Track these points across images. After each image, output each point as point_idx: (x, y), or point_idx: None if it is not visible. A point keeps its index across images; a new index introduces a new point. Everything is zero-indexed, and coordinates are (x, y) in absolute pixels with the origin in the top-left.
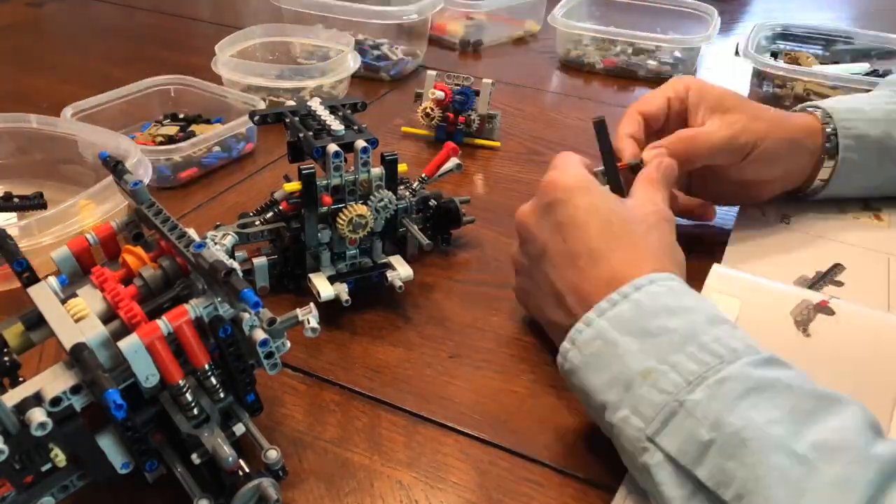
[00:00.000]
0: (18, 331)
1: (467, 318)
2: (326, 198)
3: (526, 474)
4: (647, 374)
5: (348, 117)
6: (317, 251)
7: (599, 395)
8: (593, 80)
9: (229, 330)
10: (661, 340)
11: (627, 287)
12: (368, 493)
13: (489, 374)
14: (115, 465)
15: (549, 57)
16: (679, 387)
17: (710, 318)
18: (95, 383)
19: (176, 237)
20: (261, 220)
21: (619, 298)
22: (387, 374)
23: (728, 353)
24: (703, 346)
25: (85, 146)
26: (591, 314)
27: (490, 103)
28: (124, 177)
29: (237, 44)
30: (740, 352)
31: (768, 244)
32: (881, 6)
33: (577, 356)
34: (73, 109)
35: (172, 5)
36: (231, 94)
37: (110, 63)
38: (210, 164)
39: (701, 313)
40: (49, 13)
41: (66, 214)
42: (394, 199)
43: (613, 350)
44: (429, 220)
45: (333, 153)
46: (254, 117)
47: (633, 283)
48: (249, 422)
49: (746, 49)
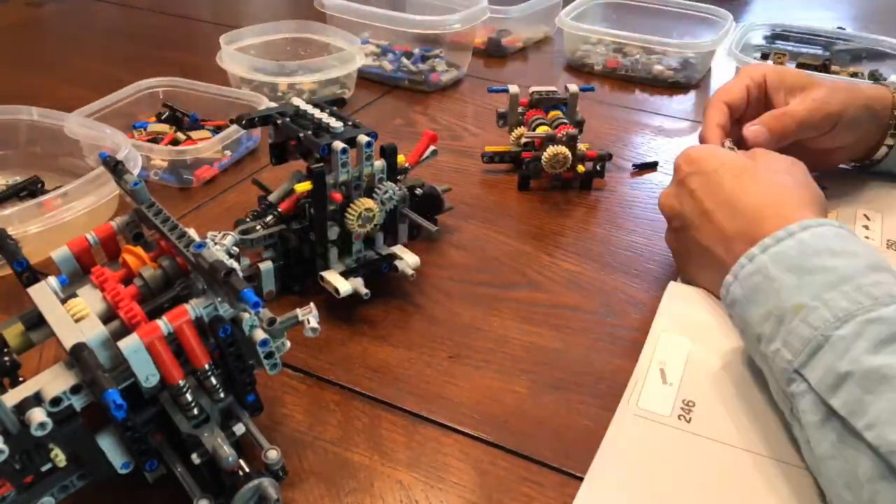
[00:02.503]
0: (18, 331)
1: (467, 319)
2: (336, 194)
3: (526, 474)
4: (798, 308)
5: (338, 113)
6: (324, 249)
7: (756, 327)
8: (600, 82)
9: (229, 330)
10: (818, 278)
11: (795, 226)
12: (369, 493)
13: (489, 374)
14: (115, 464)
15: (557, 59)
16: (827, 322)
17: (872, 264)
18: (95, 383)
19: (176, 237)
20: (261, 224)
21: (785, 235)
22: (387, 374)
23: (884, 297)
24: (860, 287)
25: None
26: (755, 249)
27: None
28: (124, 176)
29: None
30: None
31: None
32: (881, 7)
33: (738, 289)
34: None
35: (173, 5)
36: (232, 94)
37: (110, 63)
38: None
39: (864, 258)
40: (49, 13)
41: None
42: (396, 189)
43: (771, 285)
44: (415, 207)
45: (341, 150)
46: (240, 121)
47: (802, 223)
48: (249, 422)
49: (731, 49)
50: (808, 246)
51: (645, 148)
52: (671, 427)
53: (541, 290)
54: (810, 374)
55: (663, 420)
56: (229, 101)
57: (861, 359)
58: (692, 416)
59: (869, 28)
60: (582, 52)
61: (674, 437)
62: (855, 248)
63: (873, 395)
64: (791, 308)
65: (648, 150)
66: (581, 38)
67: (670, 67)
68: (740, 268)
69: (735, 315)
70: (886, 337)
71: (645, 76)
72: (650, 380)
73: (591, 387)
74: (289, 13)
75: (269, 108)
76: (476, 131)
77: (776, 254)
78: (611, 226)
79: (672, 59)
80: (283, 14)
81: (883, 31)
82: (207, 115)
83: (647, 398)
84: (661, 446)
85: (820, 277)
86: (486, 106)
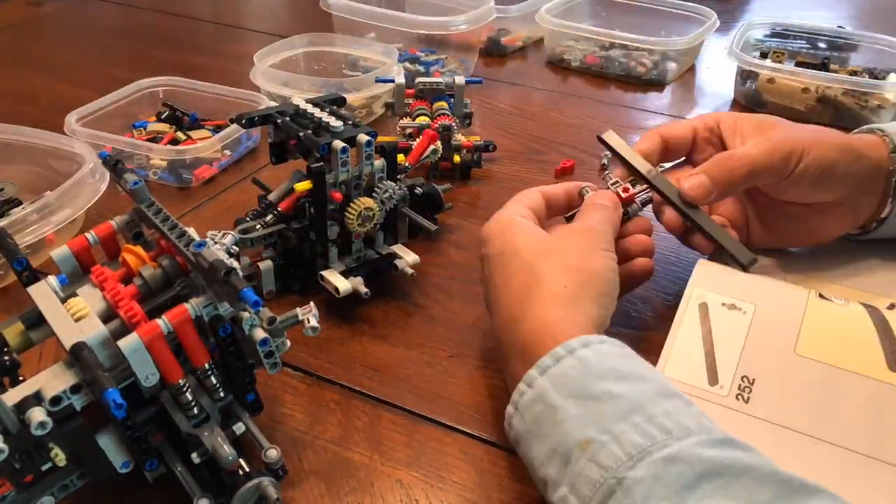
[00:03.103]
0: (18, 330)
1: (468, 318)
2: (336, 194)
3: (526, 473)
4: (586, 444)
5: (338, 113)
6: (324, 248)
7: (540, 469)
8: (578, 78)
9: (229, 329)
10: (605, 407)
11: (575, 342)
12: (369, 492)
13: (489, 373)
14: (115, 464)
15: (539, 56)
16: (619, 461)
17: (662, 390)
18: (95, 382)
19: (176, 236)
20: (260, 223)
21: (565, 353)
22: (387, 374)
23: (678, 430)
24: (651, 418)
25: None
26: (534, 371)
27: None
28: (124, 176)
29: (278, 53)
30: (693, 430)
31: None
32: (881, 6)
33: (521, 423)
34: (77, 115)
35: (173, 4)
36: (231, 94)
37: (110, 62)
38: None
39: (652, 383)
40: (49, 13)
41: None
42: (397, 189)
43: (553, 416)
44: (415, 206)
45: (341, 149)
46: (240, 121)
47: (582, 339)
48: (249, 421)
49: (732, 47)
50: (591, 367)
51: None
52: (728, 409)
53: None
54: None
55: (718, 400)
56: (229, 100)
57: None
58: (751, 397)
59: (869, 27)
60: (562, 48)
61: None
62: (641, 370)
63: None
64: (577, 444)
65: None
66: (562, 35)
67: (643, 65)
68: (520, 395)
69: (523, 455)
70: (689, 480)
71: (620, 73)
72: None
73: None
74: (292, 13)
75: (269, 108)
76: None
77: (556, 376)
78: None
79: (648, 57)
80: (285, 14)
81: (883, 31)
82: (207, 114)
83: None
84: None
85: (607, 406)
86: (486, 105)
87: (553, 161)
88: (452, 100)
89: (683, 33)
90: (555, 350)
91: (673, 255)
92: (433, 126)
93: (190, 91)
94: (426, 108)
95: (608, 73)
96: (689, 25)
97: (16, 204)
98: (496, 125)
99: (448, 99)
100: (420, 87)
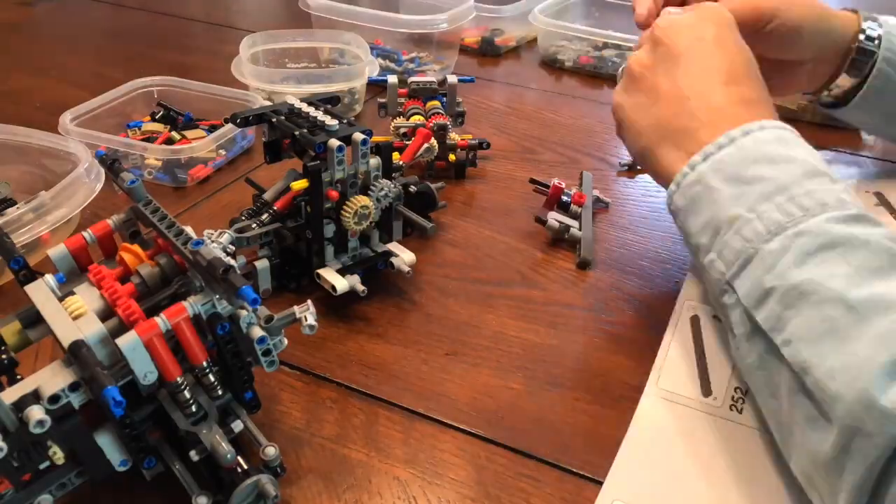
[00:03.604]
0: (16, 329)
1: (464, 316)
2: (333, 192)
3: (522, 470)
4: (733, 219)
5: (332, 112)
6: (320, 246)
7: (694, 237)
8: (571, 77)
9: (227, 327)
10: (755, 189)
11: (736, 131)
12: (366, 489)
13: (485, 370)
14: (113, 462)
15: (533, 56)
16: (759, 235)
17: (808, 170)
18: (94, 380)
19: (174, 234)
20: (256, 222)
21: (727, 142)
22: (384, 372)
23: (815, 207)
24: (793, 197)
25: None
26: (697, 157)
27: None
28: (121, 174)
29: (257, 46)
30: (829, 206)
31: None
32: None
33: (681, 199)
34: (71, 114)
35: (165, 4)
36: (226, 93)
37: (103, 62)
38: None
39: (801, 165)
40: (42, 12)
41: None
42: (392, 187)
43: (710, 195)
44: (409, 204)
45: (337, 147)
46: (235, 120)
47: (743, 128)
48: (247, 419)
49: None
50: (747, 153)
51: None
52: (723, 419)
53: (536, 288)
54: (739, 287)
55: (713, 411)
56: (224, 100)
57: (785, 274)
58: (744, 407)
59: None
60: (556, 48)
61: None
62: (794, 152)
63: (793, 311)
64: (727, 219)
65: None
66: (556, 35)
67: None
68: (683, 176)
69: (678, 224)
70: (811, 249)
71: (613, 73)
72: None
73: (587, 383)
74: (279, 12)
75: (264, 107)
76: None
77: (716, 162)
78: (605, 224)
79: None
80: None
81: None
82: (202, 114)
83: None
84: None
85: (757, 188)
86: (480, 105)
87: (548, 160)
88: (445, 99)
89: None
90: (718, 139)
91: (666, 253)
92: (428, 125)
93: (184, 91)
94: (420, 108)
95: (602, 72)
96: None
97: (10, 204)
98: (490, 124)
99: (441, 98)
100: (413, 86)
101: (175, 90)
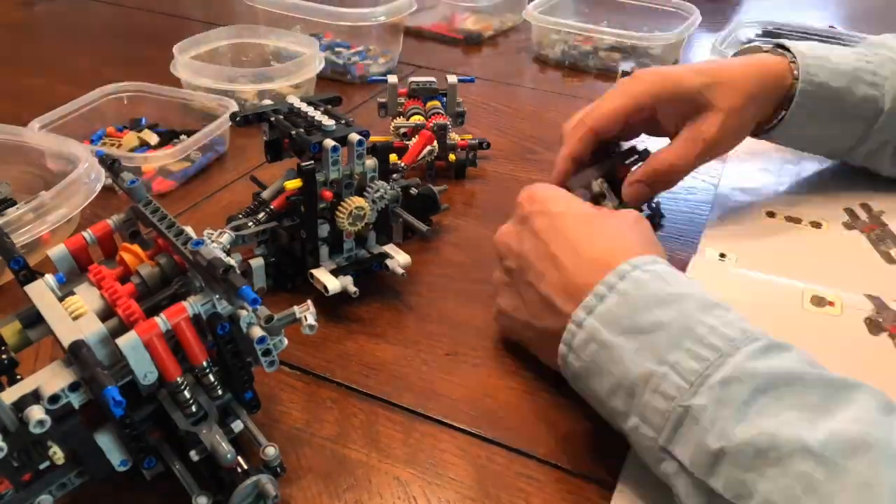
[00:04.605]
0: (16, 329)
1: (464, 316)
2: (327, 192)
3: (522, 470)
4: (646, 377)
5: (331, 112)
6: (314, 246)
7: (607, 402)
8: (559, 72)
9: (227, 327)
10: (657, 337)
11: (611, 276)
12: (366, 489)
13: (486, 371)
14: (113, 462)
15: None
16: (682, 390)
17: (701, 304)
18: (94, 380)
19: (174, 234)
20: (253, 221)
21: (606, 291)
22: (384, 372)
23: (725, 345)
24: (700, 339)
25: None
26: (580, 312)
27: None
28: (121, 175)
29: (201, 45)
30: (738, 341)
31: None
32: (871, 7)
33: (576, 361)
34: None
35: (165, 4)
36: (196, 98)
37: (103, 62)
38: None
39: (691, 300)
40: (41, 13)
41: None
42: (388, 188)
43: (610, 354)
44: (410, 207)
45: (332, 148)
46: (235, 118)
47: (617, 272)
48: (247, 419)
49: (716, 45)
50: (632, 299)
51: None
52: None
53: None
54: (680, 453)
55: None
56: (192, 105)
57: (730, 433)
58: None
59: (860, 28)
60: (549, 42)
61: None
62: (678, 288)
63: (754, 473)
64: (639, 378)
65: None
66: (549, 30)
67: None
68: (571, 336)
69: (579, 388)
70: (745, 398)
71: (601, 68)
72: None
73: None
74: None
75: (264, 105)
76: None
77: (603, 314)
78: None
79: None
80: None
81: (874, 31)
82: (173, 120)
83: None
84: None
85: (658, 336)
86: (476, 105)
87: (546, 159)
88: (445, 99)
89: (668, 30)
90: (596, 289)
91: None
92: (428, 125)
93: (153, 96)
94: (420, 108)
95: (591, 69)
96: (674, 22)
97: (10, 204)
98: (488, 124)
99: (441, 98)
100: (413, 86)
101: (146, 96)
